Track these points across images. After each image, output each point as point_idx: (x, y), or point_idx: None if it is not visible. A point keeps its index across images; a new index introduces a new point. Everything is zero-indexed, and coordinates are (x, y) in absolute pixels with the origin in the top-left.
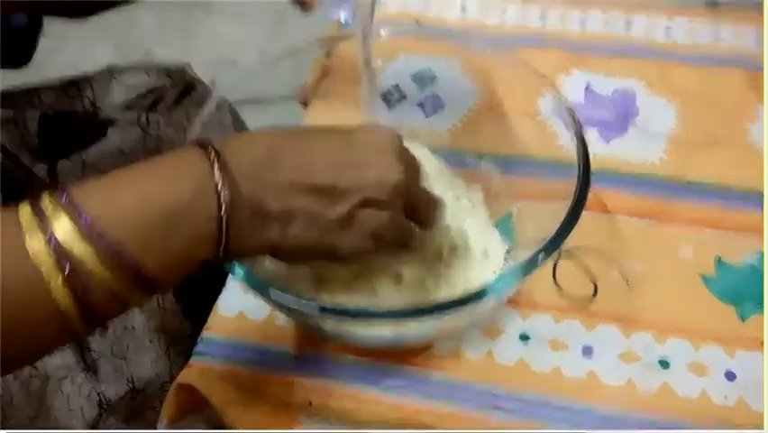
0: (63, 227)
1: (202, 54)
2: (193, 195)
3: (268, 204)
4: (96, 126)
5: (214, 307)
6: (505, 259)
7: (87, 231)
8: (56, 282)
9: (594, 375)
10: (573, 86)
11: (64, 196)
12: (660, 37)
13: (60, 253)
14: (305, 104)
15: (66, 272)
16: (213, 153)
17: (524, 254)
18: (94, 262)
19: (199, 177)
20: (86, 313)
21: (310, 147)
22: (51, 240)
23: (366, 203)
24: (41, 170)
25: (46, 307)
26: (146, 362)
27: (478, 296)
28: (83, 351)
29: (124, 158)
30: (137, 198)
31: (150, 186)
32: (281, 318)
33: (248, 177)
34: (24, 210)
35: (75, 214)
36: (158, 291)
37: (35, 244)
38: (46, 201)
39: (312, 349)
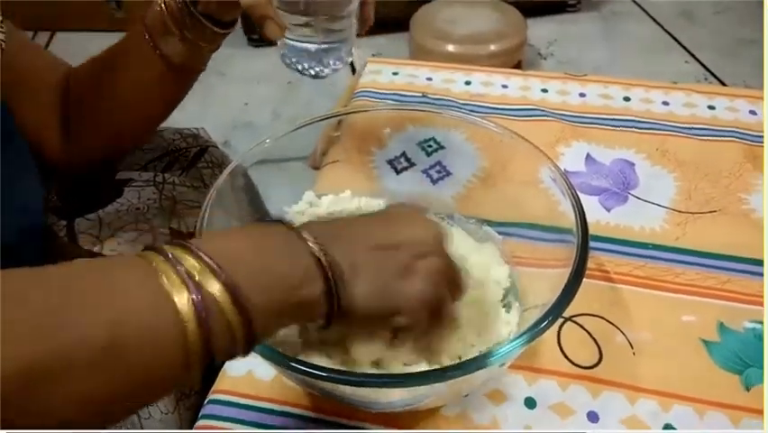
0: (213, 287)
1: (217, 117)
2: (291, 246)
3: (346, 260)
4: (113, 186)
5: (223, 368)
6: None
7: (232, 293)
8: (194, 336)
9: None
10: (574, 156)
11: (206, 257)
12: (658, 110)
13: (205, 309)
14: (316, 168)
15: (205, 327)
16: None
17: (527, 319)
18: (227, 309)
19: (303, 258)
20: (205, 363)
21: (361, 222)
22: (197, 298)
23: (420, 255)
24: (61, 228)
25: (176, 359)
26: (155, 417)
27: (481, 362)
28: None
29: (141, 216)
30: (250, 247)
31: (257, 241)
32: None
33: (324, 240)
34: (164, 267)
35: (219, 272)
36: (255, 343)
37: (182, 300)
38: (190, 261)
39: (320, 412)
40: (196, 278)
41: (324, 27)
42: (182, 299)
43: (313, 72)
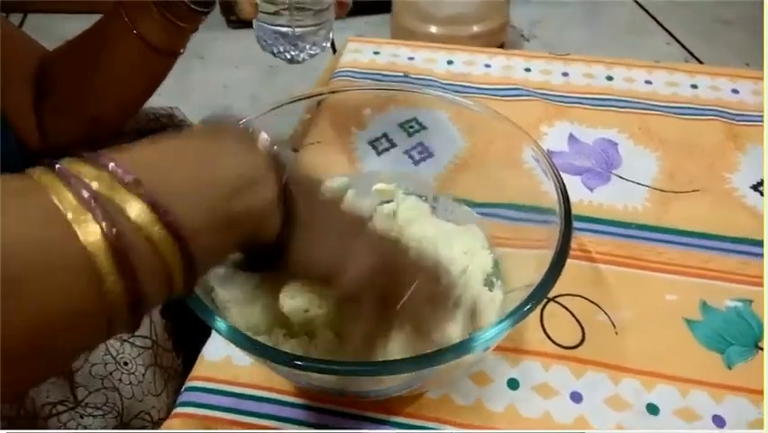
0: (135, 211)
1: (196, 101)
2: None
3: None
4: None
5: (200, 354)
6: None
7: (157, 211)
8: (108, 272)
9: (584, 420)
10: (557, 135)
11: (121, 173)
12: (640, 89)
13: (122, 243)
14: (295, 150)
15: (121, 260)
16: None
17: (511, 301)
18: (153, 233)
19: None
20: (134, 303)
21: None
22: (112, 230)
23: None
24: None
25: (91, 297)
26: (140, 396)
27: (466, 347)
28: (73, 386)
29: None
30: (177, 151)
31: (205, 166)
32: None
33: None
34: (63, 194)
35: (142, 193)
36: (196, 270)
37: (90, 234)
38: (92, 173)
39: (300, 396)
40: (106, 198)
41: (300, 11)
42: (88, 231)
43: (288, 56)
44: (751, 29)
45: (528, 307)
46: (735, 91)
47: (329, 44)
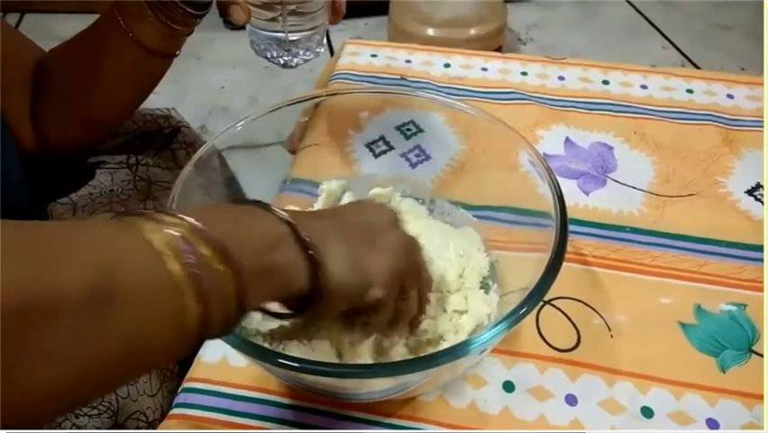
0: (201, 247)
1: (193, 102)
2: (281, 234)
3: (313, 237)
4: (84, 169)
5: (197, 356)
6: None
7: (221, 251)
8: (190, 301)
9: (578, 423)
10: (553, 139)
11: (195, 222)
12: (636, 93)
13: (198, 269)
14: (293, 152)
15: (201, 291)
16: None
17: (507, 304)
18: (222, 272)
19: (278, 226)
20: (201, 330)
21: (321, 210)
22: (190, 262)
23: (379, 230)
24: (33, 214)
25: (173, 318)
26: (135, 397)
27: (462, 349)
28: None
29: (115, 198)
30: (236, 225)
31: (241, 222)
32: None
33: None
34: (148, 227)
35: (205, 232)
36: (246, 310)
37: (175, 267)
38: (173, 221)
39: (295, 398)
40: (180, 236)
41: (293, 17)
42: (173, 262)
43: (282, 61)
44: (747, 33)
45: (525, 309)
46: (730, 96)
47: (323, 50)
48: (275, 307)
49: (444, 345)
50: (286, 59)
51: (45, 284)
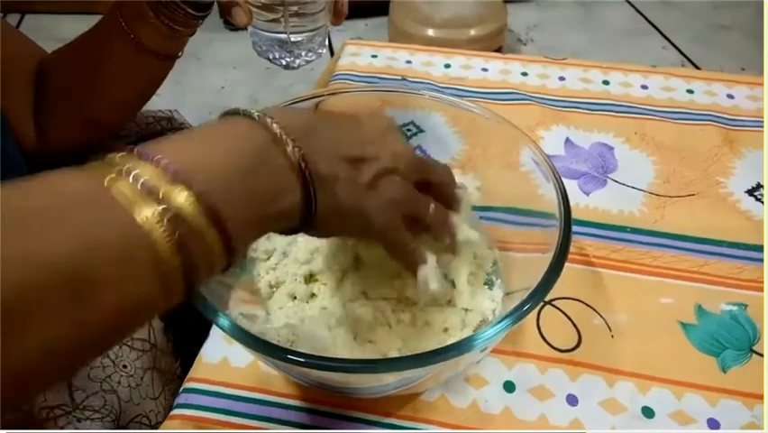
0: (179, 198)
1: (194, 102)
2: (264, 148)
3: (319, 168)
4: None
5: (198, 356)
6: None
7: (203, 205)
8: (164, 247)
9: (579, 423)
10: (553, 139)
11: (166, 164)
12: (636, 93)
13: (173, 222)
14: None
15: (176, 237)
16: (269, 119)
17: (509, 303)
18: (199, 221)
19: (263, 136)
20: (187, 276)
21: (334, 124)
22: (163, 210)
23: (385, 171)
24: None
25: (153, 273)
26: (137, 400)
27: (466, 345)
28: (71, 390)
29: None
30: (216, 151)
31: (220, 141)
32: (264, 365)
33: (299, 140)
34: (119, 183)
35: (184, 180)
36: (237, 259)
37: (145, 212)
38: (148, 169)
39: (296, 398)
40: (159, 191)
41: (295, 18)
42: (145, 215)
43: (284, 63)
44: (747, 33)
45: (529, 305)
46: (730, 96)
47: (324, 50)
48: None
49: (450, 341)
50: (288, 60)
51: (20, 279)
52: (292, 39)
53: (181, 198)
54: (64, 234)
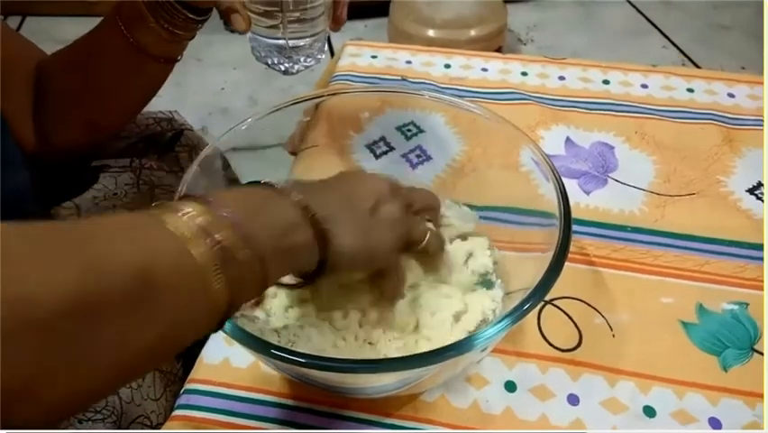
0: (222, 232)
1: (194, 103)
2: (269, 194)
3: (322, 211)
4: (88, 173)
5: (199, 357)
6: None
7: (242, 235)
8: (216, 278)
9: (580, 423)
10: (553, 139)
11: (217, 207)
12: (637, 93)
13: (223, 255)
14: (293, 153)
15: (226, 270)
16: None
17: (509, 303)
18: (245, 256)
19: (267, 189)
20: (230, 310)
21: (323, 182)
22: (214, 244)
23: (379, 201)
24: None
25: (204, 303)
26: (138, 401)
27: (466, 345)
28: None
29: (119, 201)
30: (252, 209)
31: (256, 206)
32: (265, 366)
33: (299, 192)
34: (177, 221)
35: (225, 216)
36: (268, 286)
37: (199, 247)
38: (194, 207)
39: (297, 399)
40: (203, 224)
41: (294, 24)
42: (198, 247)
43: (282, 68)
44: (747, 33)
45: (529, 304)
46: (730, 95)
47: (323, 56)
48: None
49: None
50: (287, 65)
51: (90, 284)
52: (291, 44)
53: (228, 233)
54: (128, 252)
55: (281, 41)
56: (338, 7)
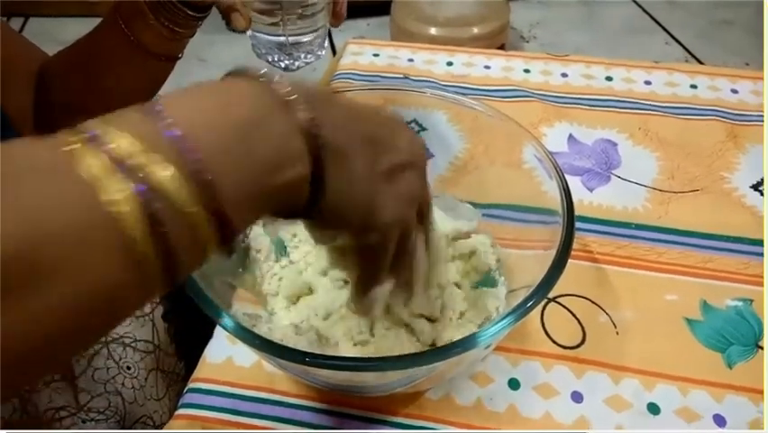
0: (158, 173)
1: None
2: (267, 109)
3: (335, 137)
4: None
5: (202, 356)
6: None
7: (193, 179)
8: (134, 232)
9: (584, 420)
10: (556, 136)
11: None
12: (640, 89)
13: (146, 203)
14: None
15: (151, 219)
16: (276, 78)
17: (512, 301)
18: (184, 200)
19: (267, 96)
20: (167, 264)
21: (354, 104)
22: (139, 188)
23: (403, 165)
24: None
25: (122, 261)
26: (141, 401)
27: (468, 344)
28: (75, 391)
29: None
30: (208, 108)
31: (215, 98)
32: (269, 365)
33: (312, 105)
34: (86, 154)
35: (173, 151)
36: (232, 238)
37: (112, 192)
38: (122, 140)
39: (300, 397)
40: (134, 163)
41: (294, 21)
42: (111, 197)
43: (283, 65)
44: (750, 29)
45: (533, 301)
46: (734, 91)
47: (324, 52)
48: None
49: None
50: (287, 62)
51: None
52: (291, 41)
53: (162, 171)
54: (12, 211)
55: (281, 39)
56: (338, 3)
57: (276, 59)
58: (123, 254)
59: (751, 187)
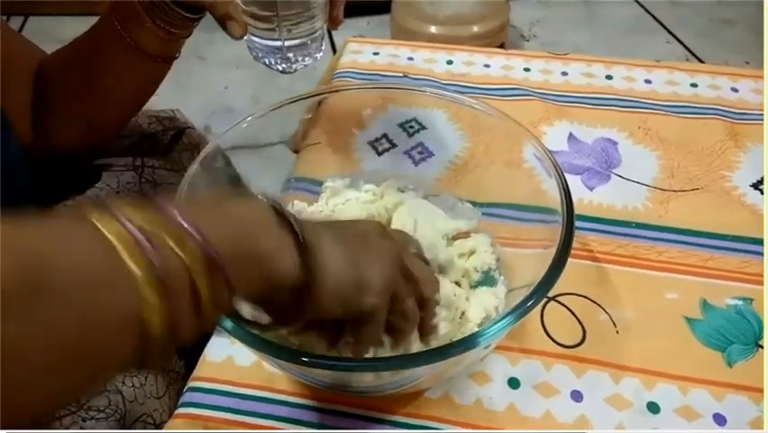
0: (166, 240)
1: (196, 102)
2: (262, 216)
3: (316, 241)
4: (91, 171)
5: (202, 355)
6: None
7: (192, 241)
8: (149, 294)
9: (584, 419)
10: (556, 135)
11: (178, 218)
12: (640, 88)
13: (159, 265)
14: (296, 151)
15: (161, 283)
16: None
17: (512, 300)
18: (197, 268)
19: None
20: (173, 327)
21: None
22: (153, 266)
23: (381, 239)
24: None
25: (131, 325)
26: (141, 400)
27: (470, 342)
28: None
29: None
30: (233, 225)
31: (239, 226)
32: (268, 364)
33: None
34: (115, 229)
35: (176, 227)
36: (225, 311)
37: (129, 258)
38: (149, 220)
39: (300, 397)
40: (143, 228)
41: (289, 26)
42: (126, 254)
43: (280, 68)
44: (751, 28)
45: (533, 300)
46: (734, 90)
47: (321, 54)
48: (263, 319)
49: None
50: (284, 66)
51: None
52: (287, 45)
53: (172, 239)
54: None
55: (278, 43)
56: (334, 8)
57: (272, 62)
58: (131, 311)
59: (751, 185)
